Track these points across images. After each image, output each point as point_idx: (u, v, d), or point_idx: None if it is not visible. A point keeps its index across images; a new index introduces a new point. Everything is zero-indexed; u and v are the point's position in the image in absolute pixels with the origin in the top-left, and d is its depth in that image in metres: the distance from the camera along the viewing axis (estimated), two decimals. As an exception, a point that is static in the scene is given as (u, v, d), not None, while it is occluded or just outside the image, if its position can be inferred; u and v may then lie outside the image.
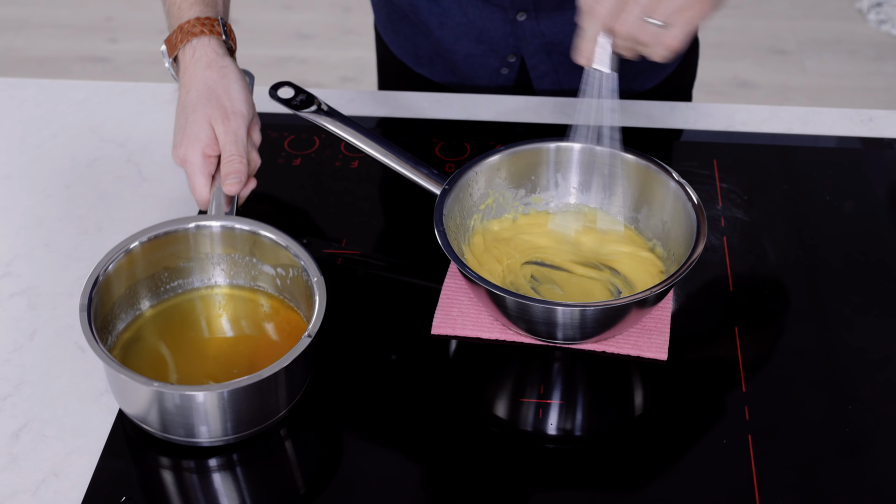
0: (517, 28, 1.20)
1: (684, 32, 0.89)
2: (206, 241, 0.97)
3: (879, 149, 1.20)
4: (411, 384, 0.95)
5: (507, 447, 0.90)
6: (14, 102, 1.29)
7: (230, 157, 1.00)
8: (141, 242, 0.95)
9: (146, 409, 0.86)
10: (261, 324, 0.97)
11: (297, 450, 0.91)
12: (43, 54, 2.98)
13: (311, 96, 1.10)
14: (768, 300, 1.02)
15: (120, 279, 0.94)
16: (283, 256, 0.95)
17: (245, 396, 0.85)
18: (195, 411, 0.85)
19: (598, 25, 0.91)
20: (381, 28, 1.34)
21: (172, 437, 0.88)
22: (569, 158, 1.05)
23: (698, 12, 0.89)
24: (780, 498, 0.85)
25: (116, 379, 0.87)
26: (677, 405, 0.93)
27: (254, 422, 0.88)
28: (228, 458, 0.89)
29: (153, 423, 0.87)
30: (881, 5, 3.06)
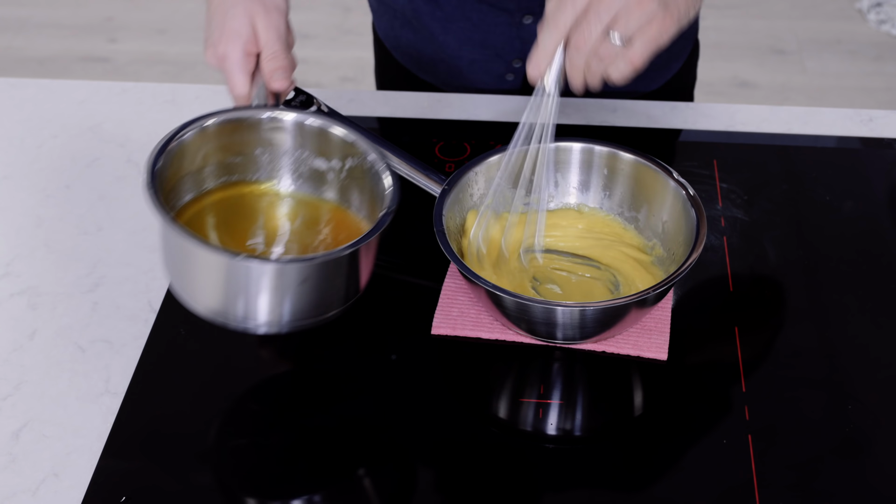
0: (523, 32, 1.20)
1: (647, 49, 0.87)
2: (275, 133, 0.96)
3: (879, 149, 1.20)
4: (411, 384, 0.95)
5: (507, 447, 0.90)
6: (14, 102, 1.29)
7: (274, 53, 0.98)
8: (216, 122, 0.93)
9: (206, 284, 0.85)
10: (319, 224, 0.96)
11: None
12: (43, 54, 2.98)
13: (310, 97, 1.10)
14: (768, 300, 1.02)
15: (185, 156, 0.92)
16: (350, 150, 0.95)
17: (316, 274, 0.84)
18: (258, 286, 0.83)
19: (559, 37, 0.87)
20: (383, 34, 1.33)
21: (229, 319, 0.86)
22: (569, 158, 1.05)
23: (661, 28, 0.86)
24: (780, 498, 0.85)
25: (179, 249, 0.85)
26: (677, 405, 0.93)
27: (310, 311, 0.87)
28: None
29: (210, 303, 0.86)
30: (881, 5, 3.06)
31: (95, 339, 0.99)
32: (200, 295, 0.87)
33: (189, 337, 0.99)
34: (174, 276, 0.89)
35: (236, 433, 0.91)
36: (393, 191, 0.92)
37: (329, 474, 0.88)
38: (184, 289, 0.88)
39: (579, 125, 1.21)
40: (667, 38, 0.87)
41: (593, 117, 1.23)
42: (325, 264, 0.85)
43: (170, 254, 0.89)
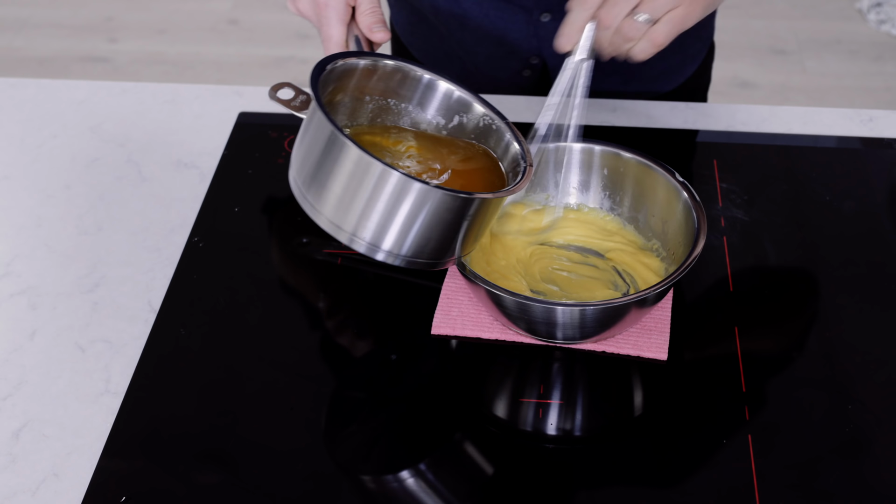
0: (540, 29, 1.20)
1: (671, 30, 0.90)
2: (425, 94, 1.00)
3: (879, 149, 1.20)
4: (411, 384, 0.95)
5: (507, 447, 0.90)
6: (14, 102, 1.29)
7: (373, 7, 1.02)
8: (386, 64, 0.98)
9: (346, 189, 0.87)
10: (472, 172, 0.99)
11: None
12: (43, 54, 2.98)
13: (310, 97, 1.10)
14: (768, 300, 1.02)
15: (347, 80, 0.95)
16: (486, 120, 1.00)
17: (450, 207, 0.86)
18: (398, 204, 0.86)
19: (588, 14, 0.92)
20: (400, 31, 1.34)
21: (355, 239, 0.88)
22: (569, 158, 1.05)
23: (686, 11, 0.90)
24: (780, 498, 0.85)
25: (329, 145, 0.86)
26: (677, 405, 0.93)
27: (430, 252, 0.89)
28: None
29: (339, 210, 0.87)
30: (881, 5, 3.06)
31: (95, 339, 0.99)
32: (333, 202, 0.88)
33: (189, 337, 0.99)
34: (308, 177, 0.90)
35: (236, 433, 0.91)
36: (524, 149, 0.97)
37: (329, 474, 0.88)
38: (316, 193, 0.89)
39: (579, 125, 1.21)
40: (691, 22, 0.91)
41: (593, 117, 1.23)
42: (475, 200, 0.87)
43: (313, 153, 0.89)
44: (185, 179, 1.16)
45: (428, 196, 0.87)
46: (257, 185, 1.15)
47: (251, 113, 1.24)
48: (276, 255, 1.08)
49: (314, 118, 0.90)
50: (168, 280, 1.04)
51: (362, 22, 1.02)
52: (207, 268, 1.05)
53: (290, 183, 0.94)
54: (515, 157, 0.98)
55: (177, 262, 1.06)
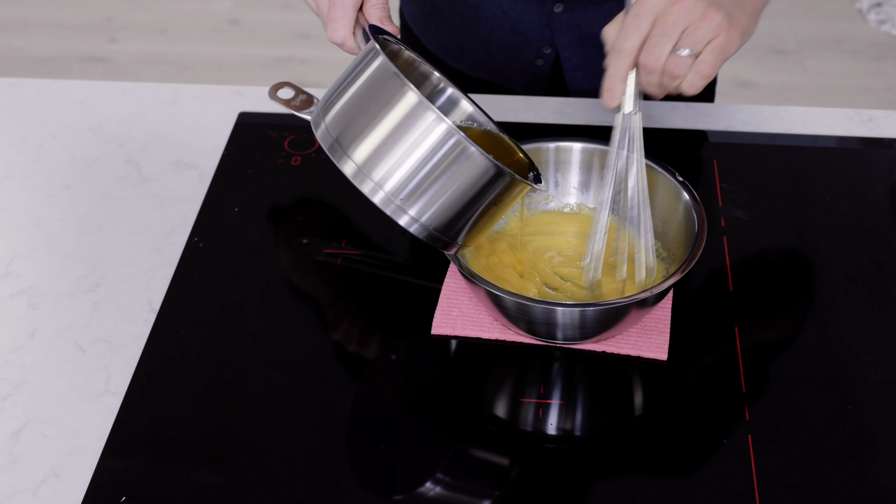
0: (553, 20, 1.20)
1: (716, 59, 0.87)
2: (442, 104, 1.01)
3: (879, 149, 1.20)
4: (411, 384, 0.95)
5: (507, 447, 0.90)
6: (14, 102, 1.29)
7: (382, 2, 1.01)
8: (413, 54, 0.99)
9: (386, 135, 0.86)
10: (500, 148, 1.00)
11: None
12: (43, 54, 2.98)
13: (310, 97, 1.10)
14: (768, 300, 1.02)
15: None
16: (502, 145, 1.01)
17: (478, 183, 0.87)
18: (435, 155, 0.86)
19: (628, 62, 0.88)
20: (411, 21, 1.34)
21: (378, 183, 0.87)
22: (569, 158, 1.05)
23: (727, 40, 0.87)
24: (780, 498, 0.85)
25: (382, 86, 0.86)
26: (677, 405, 0.93)
27: (445, 221, 0.89)
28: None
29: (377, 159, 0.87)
30: (881, 5, 3.06)
31: (95, 339, 0.99)
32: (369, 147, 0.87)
33: (189, 337, 0.99)
34: (346, 119, 0.89)
35: (236, 434, 0.91)
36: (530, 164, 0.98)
37: (329, 475, 0.88)
38: (352, 136, 0.88)
39: (579, 125, 1.21)
40: (733, 50, 0.88)
41: (593, 117, 1.23)
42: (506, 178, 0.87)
43: (360, 94, 0.89)
44: (185, 179, 1.16)
45: (471, 158, 0.86)
46: (257, 185, 1.15)
47: (251, 113, 1.24)
48: (277, 256, 1.08)
49: (372, 60, 0.89)
50: (168, 280, 1.04)
51: (372, 14, 1.01)
52: (207, 268, 1.05)
53: (318, 130, 0.92)
54: (525, 167, 0.99)
55: (177, 262, 1.06)
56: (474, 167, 0.87)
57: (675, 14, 0.86)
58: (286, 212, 1.12)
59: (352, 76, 0.91)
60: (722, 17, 0.86)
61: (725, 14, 0.87)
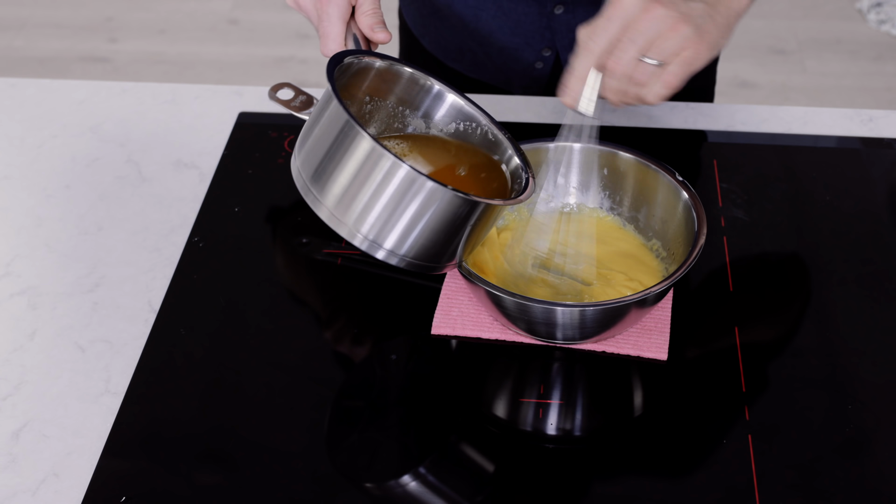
0: (553, 21, 1.20)
1: (683, 71, 0.87)
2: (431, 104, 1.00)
3: (879, 149, 1.20)
4: (411, 384, 0.95)
5: (507, 447, 0.90)
6: (14, 102, 1.29)
7: (374, 8, 1.01)
8: (401, 68, 0.98)
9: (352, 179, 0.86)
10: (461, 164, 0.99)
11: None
12: (43, 54, 2.98)
13: (310, 97, 1.10)
14: (768, 300, 1.02)
15: (360, 79, 0.95)
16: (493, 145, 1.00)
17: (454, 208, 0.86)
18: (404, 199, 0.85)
19: (591, 62, 0.88)
20: (411, 22, 1.34)
21: (356, 230, 0.87)
22: (569, 158, 1.05)
23: (695, 53, 0.87)
24: (780, 498, 0.85)
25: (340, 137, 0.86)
26: (677, 405, 0.93)
27: (430, 254, 0.88)
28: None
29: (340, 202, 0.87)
30: (881, 5, 3.06)
31: (95, 339, 0.99)
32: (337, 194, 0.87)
33: (189, 337, 0.99)
34: (314, 166, 0.88)
35: (236, 433, 0.91)
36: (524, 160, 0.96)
37: (329, 475, 0.88)
38: (321, 183, 0.88)
39: (579, 125, 1.21)
40: (700, 63, 0.88)
41: (593, 117, 1.23)
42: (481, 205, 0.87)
43: (322, 141, 0.88)
44: (185, 179, 1.16)
45: (435, 195, 0.86)
46: (257, 185, 1.15)
47: (251, 113, 1.24)
48: (276, 256, 1.08)
49: (328, 105, 0.89)
50: (168, 280, 1.04)
51: (363, 22, 1.01)
52: (207, 268, 1.05)
53: (293, 172, 0.93)
54: (516, 169, 0.98)
55: (177, 262, 1.06)
56: (442, 203, 0.86)
57: (644, 22, 0.86)
58: (286, 212, 1.12)
59: (315, 118, 0.91)
60: (691, 31, 0.86)
61: (695, 28, 0.87)
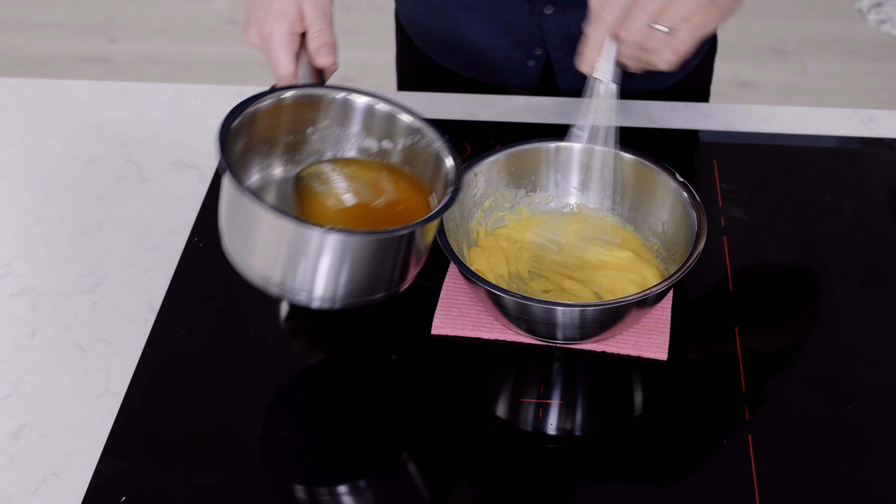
0: (544, 21, 1.20)
1: (692, 38, 0.89)
2: (346, 114, 0.97)
3: (879, 149, 1.20)
4: (411, 384, 0.95)
5: (507, 447, 0.90)
6: (14, 102, 1.29)
7: (320, 31, 0.99)
8: (293, 95, 0.94)
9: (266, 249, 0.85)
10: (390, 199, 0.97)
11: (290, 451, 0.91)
12: (43, 54, 2.98)
13: (311, 97, 1.10)
14: (768, 300, 1.02)
15: (258, 128, 0.92)
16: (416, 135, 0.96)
17: (374, 250, 0.85)
18: (319, 254, 0.83)
19: (605, 31, 0.91)
20: (405, 22, 1.34)
21: (284, 289, 0.86)
22: (569, 158, 1.05)
23: (706, 19, 0.89)
24: (780, 498, 0.85)
25: (243, 212, 0.84)
26: (677, 405, 0.93)
27: (363, 289, 0.87)
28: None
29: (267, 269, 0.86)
30: (881, 5, 3.06)
31: (95, 339, 0.99)
32: (258, 261, 0.86)
33: (189, 337, 0.99)
34: (234, 240, 0.88)
35: (236, 433, 0.91)
36: (456, 169, 0.92)
37: (329, 475, 0.88)
38: (242, 254, 0.87)
39: (579, 125, 1.21)
40: (711, 28, 0.90)
41: (593, 117, 1.23)
42: (388, 240, 0.85)
43: (232, 216, 0.88)
44: (185, 179, 1.16)
45: (344, 243, 0.84)
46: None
47: (251, 113, 1.24)
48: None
49: (224, 180, 0.87)
50: (168, 280, 1.04)
51: (310, 47, 0.99)
52: (207, 268, 1.05)
53: (221, 240, 0.92)
54: (447, 173, 0.94)
55: (177, 262, 1.06)
56: (351, 248, 0.85)
57: None
58: (286, 212, 1.12)
59: (222, 193, 0.89)
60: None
61: None
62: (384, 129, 0.98)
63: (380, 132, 0.98)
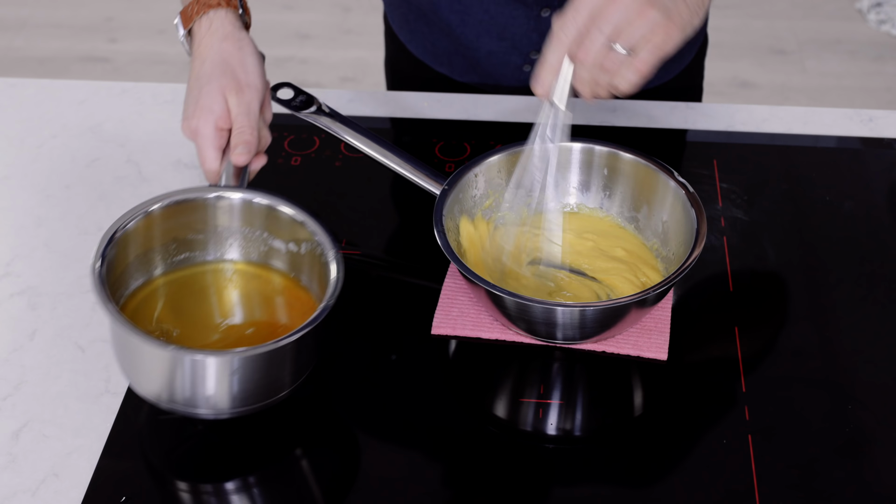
0: (541, 24, 1.20)
1: (653, 57, 0.87)
2: (223, 213, 0.96)
3: (879, 149, 1.20)
4: (411, 384, 0.95)
5: (507, 447, 0.90)
6: (14, 102, 1.29)
7: (241, 129, 0.98)
8: (161, 206, 0.93)
9: (151, 373, 0.85)
10: (271, 302, 0.96)
11: (300, 451, 0.91)
12: (43, 54, 2.98)
13: (310, 97, 1.10)
14: (768, 300, 1.02)
15: (135, 241, 0.92)
16: (299, 232, 0.95)
17: (255, 366, 0.84)
18: (202, 378, 0.83)
19: (562, 52, 0.89)
20: (397, 27, 1.33)
21: (176, 406, 0.86)
22: (569, 158, 1.05)
23: (665, 37, 0.87)
24: (780, 498, 0.85)
25: (124, 341, 0.85)
26: (677, 405, 0.93)
27: (258, 395, 0.86)
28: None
29: (155, 391, 0.85)
30: (881, 5, 3.06)
31: (95, 339, 0.99)
32: (145, 382, 0.87)
33: (189, 337, 0.99)
34: (122, 358, 0.89)
35: (236, 434, 0.91)
36: (336, 280, 0.89)
37: (329, 475, 0.88)
38: (133, 372, 0.88)
39: (579, 125, 1.21)
40: (672, 46, 0.88)
41: (593, 117, 1.23)
42: (264, 354, 0.84)
43: (116, 342, 0.89)
44: (185, 179, 1.16)
45: (225, 363, 0.84)
46: (257, 185, 1.14)
47: (251, 113, 1.24)
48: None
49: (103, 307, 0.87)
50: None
51: (231, 142, 0.98)
52: (207, 268, 1.05)
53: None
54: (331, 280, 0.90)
55: (177, 262, 1.06)
56: (245, 364, 0.84)
57: (611, 9, 0.86)
58: (286, 212, 1.12)
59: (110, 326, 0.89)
60: (660, 15, 0.86)
61: (663, 11, 0.86)
62: (266, 224, 0.97)
63: (262, 227, 0.97)
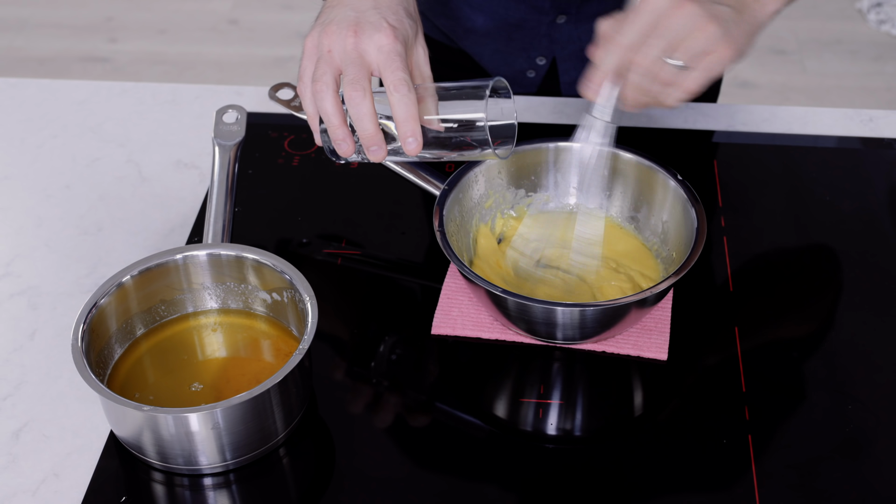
0: (554, 30, 1.19)
1: (704, 77, 0.86)
2: (195, 271, 0.95)
3: (879, 149, 1.20)
4: (411, 384, 0.95)
5: (507, 447, 0.90)
6: (14, 102, 1.29)
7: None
8: (132, 276, 0.93)
9: (141, 436, 0.85)
10: (257, 349, 0.96)
11: (295, 455, 0.91)
12: (43, 54, 2.98)
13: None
14: (768, 300, 1.02)
15: (113, 314, 0.92)
16: (272, 279, 0.94)
17: (240, 416, 0.84)
18: (190, 435, 0.84)
19: (618, 56, 0.86)
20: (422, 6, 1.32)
21: (171, 465, 0.86)
22: (569, 158, 1.05)
23: (721, 57, 0.85)
24: (780, 498, 0.85)
25: (112, 408, 0.85)
26: (677, 405, 0.93)
27: (252, 445, 0.87)
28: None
29: (150, 453, 0.86)
30: (881, 5, 3.06)
31: (95, 339, 0.99)
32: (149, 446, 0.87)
33: (189, 337, 0.99)
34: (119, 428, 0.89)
35: (236, 433, 0.91)
36: (310, 328, 0.88)
37: (329, 474, 0.88)
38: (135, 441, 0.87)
39: (579, 125, 1.21)
40: (722, 68, 0.86)
41: (593, 117, 1.23)
42: (243, 404, 0.84)
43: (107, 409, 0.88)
44: (185, 179, 1.16)
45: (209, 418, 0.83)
46: (257, 185, 1.15)
47: (251, 113, 1.24)
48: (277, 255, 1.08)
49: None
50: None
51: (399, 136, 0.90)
52: (207, 268, 1.05)
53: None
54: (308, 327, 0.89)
55: (177, 262, 1.06)
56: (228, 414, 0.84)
57: (675, 18, 0.84)
58: (286, 212, 1.12)
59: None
60: (720, 32, 0.85)
61: (724, 29, 0.85)
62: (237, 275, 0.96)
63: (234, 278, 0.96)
